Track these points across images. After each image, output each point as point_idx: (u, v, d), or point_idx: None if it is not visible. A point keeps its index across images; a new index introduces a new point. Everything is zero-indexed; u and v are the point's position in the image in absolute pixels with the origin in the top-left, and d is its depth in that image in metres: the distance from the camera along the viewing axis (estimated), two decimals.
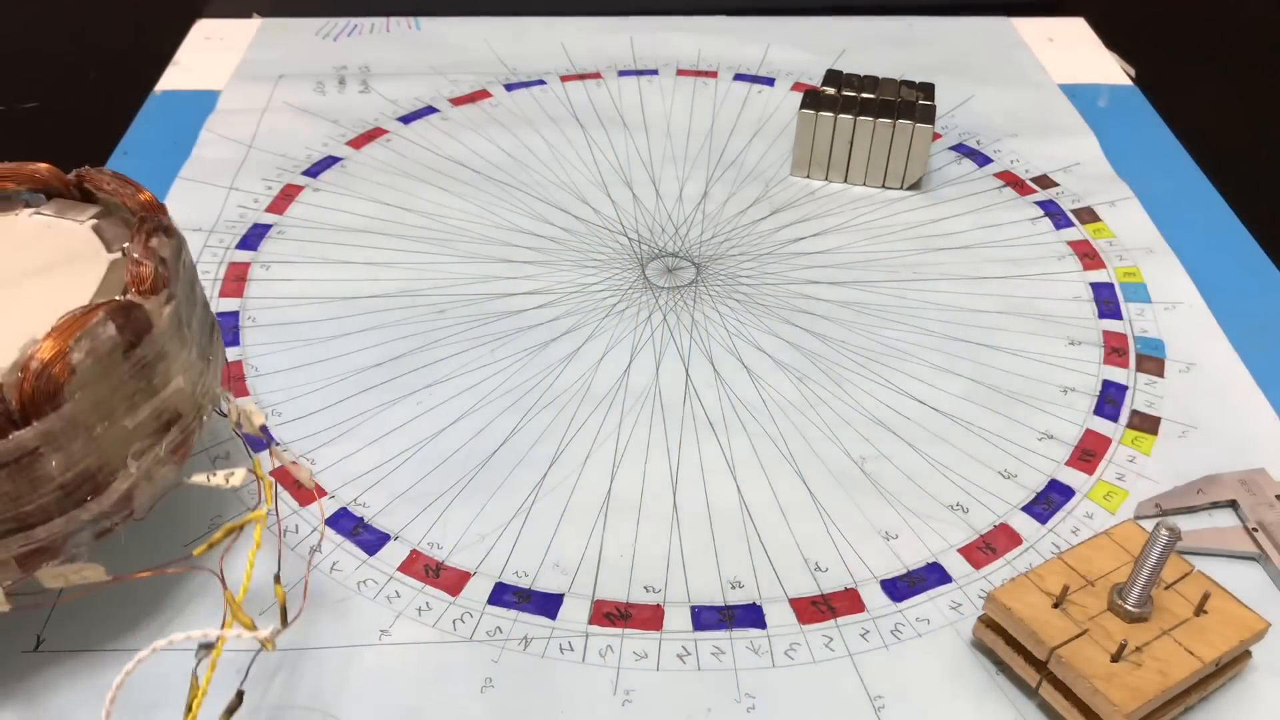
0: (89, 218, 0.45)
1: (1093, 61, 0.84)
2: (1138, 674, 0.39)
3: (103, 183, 0.45)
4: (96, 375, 0.37)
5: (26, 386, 0.35)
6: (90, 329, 0.36)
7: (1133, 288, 0.62)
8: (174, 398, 0.40)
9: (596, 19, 0.88)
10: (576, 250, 0.65)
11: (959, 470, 0.52)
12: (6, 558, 0.36)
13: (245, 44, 0.84)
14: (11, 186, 0.46)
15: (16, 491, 0.36)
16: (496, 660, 0.43)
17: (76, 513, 0.37)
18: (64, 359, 0.36)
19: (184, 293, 0.42)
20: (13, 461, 0.35)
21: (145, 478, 0.39)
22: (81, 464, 0.37)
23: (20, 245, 0.44)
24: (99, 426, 0.37)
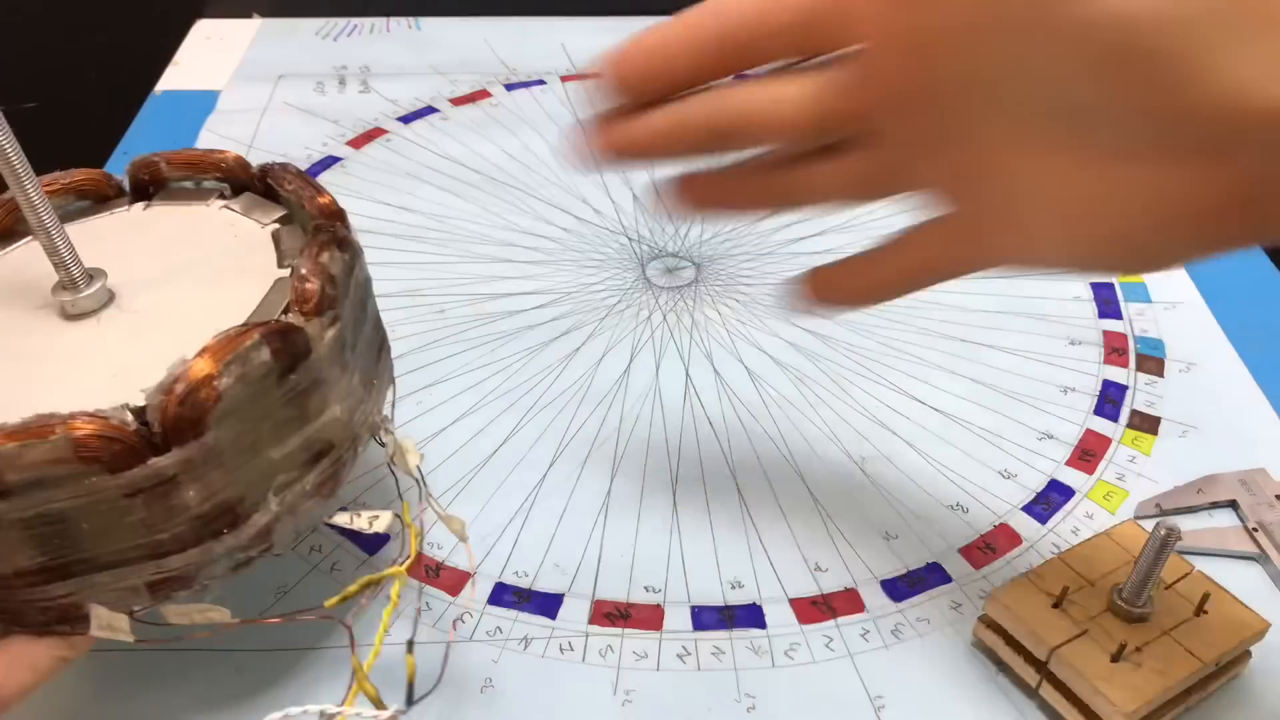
0: (272, 221, 0.42)
1: None
2: (1138, 674, 0.39)
3: (285, 180, 0.42)
4: (245, 402, 0.34)
5: (170, 410, 0.32)
6: (242, 352, 0.33)
7: (1133, 287, 0.62)
8: (328, 428, 0.37)
9: (596, 19, 0.88)
10: (577, 250, 0.65)
11: (959, 470, 0.52)
12: (138, 583, 0.35)
13: (245, 44, 0.84)
14: (198, 175, 0.44)
15: (152, 519, 0.34)
16: (496, 660, 0.43)
17: (212, 544, 0.35)
18: (212, 384, 0.33)
19: (352, 313, 0.39)
20: (149, 488, 0.33)
21: (288, 512, 0.36)
22: (221, 495, 0.34)
23: (202, 240, 0.41)
24: (243, 456, 0.35)
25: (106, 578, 0.34)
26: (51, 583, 0.34)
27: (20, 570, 0.33)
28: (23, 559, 0.33)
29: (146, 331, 0.38)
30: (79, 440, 0.31)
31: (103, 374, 0.36)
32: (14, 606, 0.34)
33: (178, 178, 0.45)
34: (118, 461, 0.32)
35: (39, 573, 0.34)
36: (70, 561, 0.34)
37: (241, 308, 0.37)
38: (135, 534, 0.34)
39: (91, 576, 0.34)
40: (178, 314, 0.38)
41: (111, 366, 0.36)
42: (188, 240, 0.42)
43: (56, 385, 0.35)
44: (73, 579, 0.34)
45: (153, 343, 0.37)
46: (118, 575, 0.34)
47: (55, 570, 0.34)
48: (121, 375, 0.35)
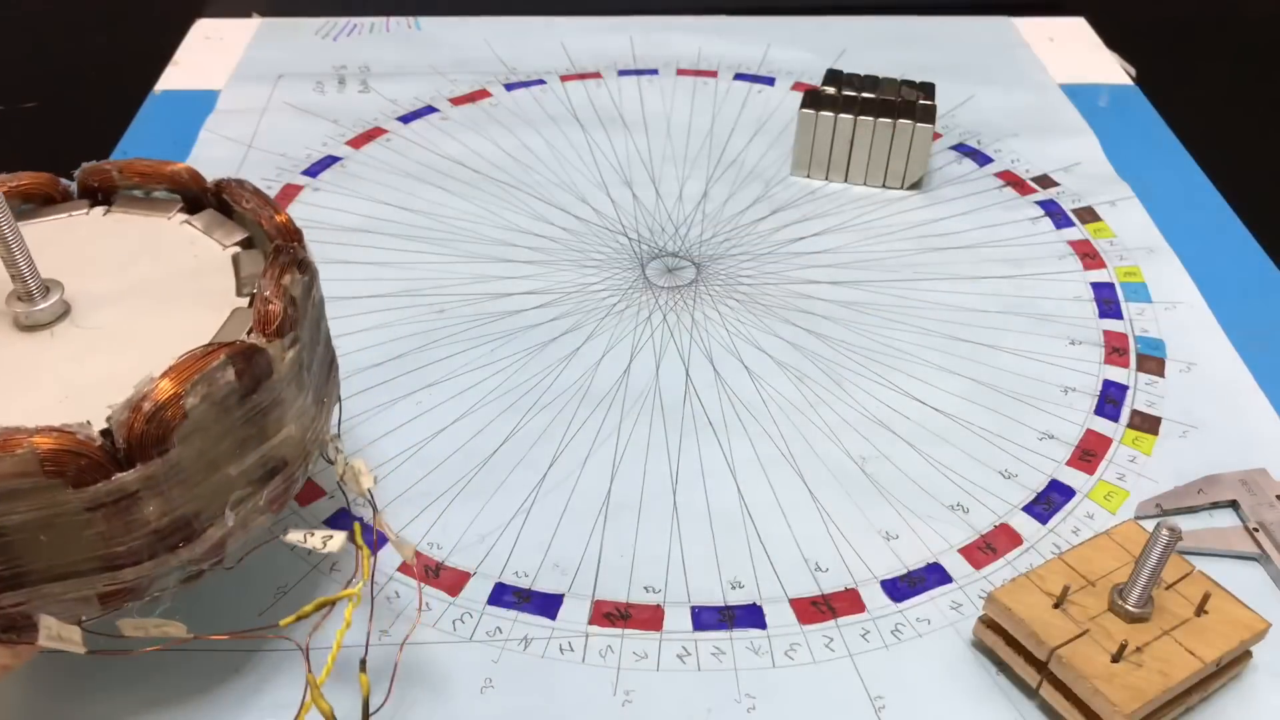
0: (233, 244, 0.42)
1: (1093, 61, 0.84)
2: (1138, 674, 0.39)
3: (242, 198, 0.42)
4: (208, 421, 0.35)
5: (136, 428, 0.33)
6: (208, 373, 0.34)
7: (1133, 287, 0.62)
8: (283, 445, 0.38)
9: (596, 19, 0.88)
10: (576, 250, 0.65)
11: (959, 470, 0.52)
12: (90, 594, 0.35)
13: (245, 44, 0.84)
14: (149, 185, 0.44)
15: (110, 532, 0.34)
16: (496, 660, 0.43)
17: (167, 557, 0.36)
18: (178, 403, 0.34)
19: (309, 334, 0.40)
20: (111, 503, 0.33)
21: (241, 526, 0.37)
22: (179, 510, 0.35)
23: (159, 256, 0.42)
24: (202, 473, 0.35)
25: (58, 588, 0.34)
26: (4, 592, 0.34)
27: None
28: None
29: (103, 348, 0.38)
30: (45, 454, 0.32)
31: (60, 388, 0.36)
32: None
33: (129, 186, 0.45)
34: (82, 476, 0.32)
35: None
36: (23, 571, 0.34)
37: (199, 331, 0.37)
38: (92, 546, 0.34)
39: (43, 587, 0.34)
40: (135, 332, 0.38)
41: (69, 381, 0.36)
42: (147, 254, 0.42)
43: (13, 397, 0.35)
44: (23, 589, 0.34)
45: (109, 359, 0.37)
46: (69, 586, 0.34)
47: (9, 579, 0.34)
48: (80, 390, 0.35)
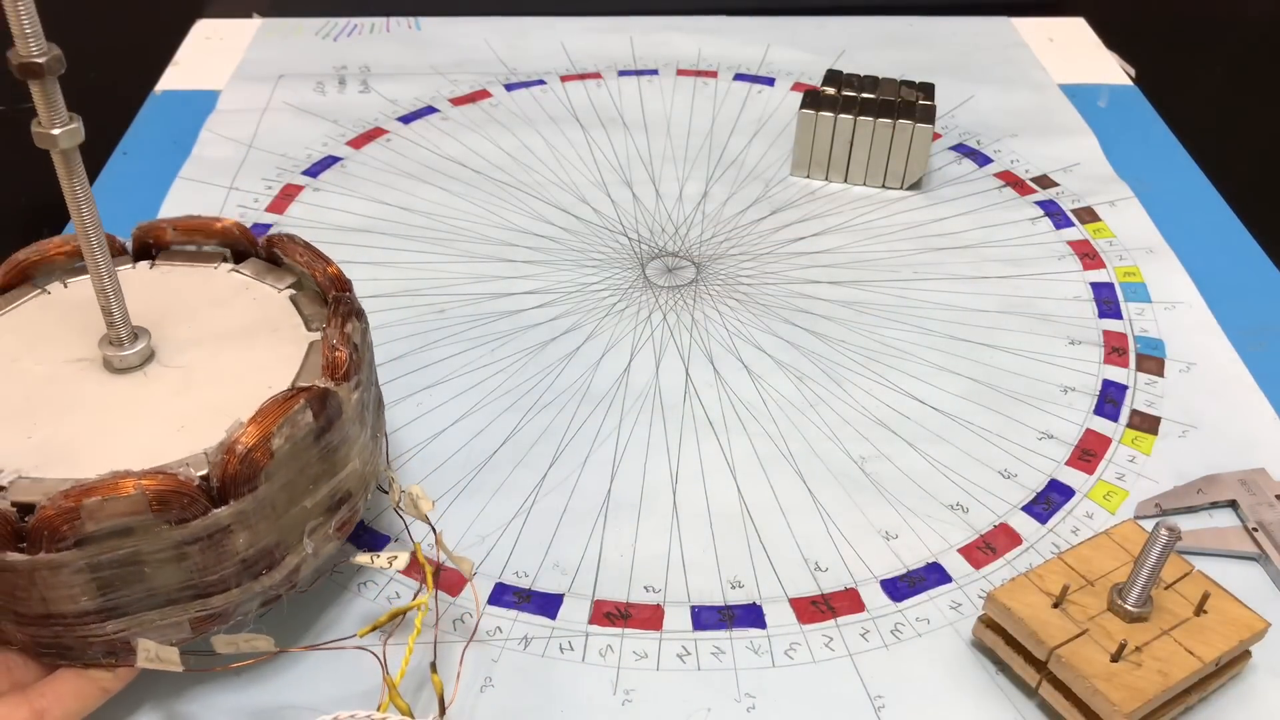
0: (286, 287, 0.46)
1: (1093, 61, 0.84)
2: (1138, 674, 0.39)
3: (295, 252, 0.46)
4: (290, 458, 0.38)
5: (230, 469, 0.36)
6: (291, 416, 0.38)
7: (1133, 287, 0.62)
8: (349, 478, 0.41)
9: (596, 19, 0.88)
10: (576, 250, 0.65)
11: (959, 470, 0.52)
12: (183, 620, 0.38)
13: (245, 44, 0.84)
14: (201, 240, 0.47)
15: (204, 564, 0.37)
16: (496, 660, 0.43)
17: (251, 584, 0.39)
18: (266, 445, 0.37)
19: (366, 375, 0.43)
20: (206, 537, 0.37)
21: (313, 554, 0.41)
22: (263, 541, 0.38)
23: (222, 302, 0.45)
24: (284, 506, 0.39)
25: (155, 615, 0.38)
26: (107, 621, 0.37)
27: (81, 611, 0.37)
28: (86, 600, 0.36)
29: (191, 390, 0.41)
30: (153, 495, 0.35)
31: (159, 428, 0.39)
32: (68, 643, 0.38)
33: (181, 242, 0.48)
34: (185, 513, 0.36)
35: (96, 612, 0.37)
36: (125, 602, 0.37)
37: (281, 369, 0.41)
38: (188, 576, 0.37)
39: (142, 615, 0.37)
40: (219, 370, 0.42)
41: (163, 420, 0.39)
42: (210, 301, 0.45)
43: (118, 436, 0.38)
44: (125, 617, 0.37)
45: (198, 400, 0.40)
46: (166, 613, 0.38)
47: (111, 610, 0.37)
48: (175, 430, 0.39)
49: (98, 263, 0.40)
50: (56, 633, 0.37)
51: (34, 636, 0.38)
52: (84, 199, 0.39)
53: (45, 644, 0.38)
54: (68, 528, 0.35)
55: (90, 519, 0.35)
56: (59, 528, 0.35)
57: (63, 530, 0.35)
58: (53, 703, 0.38)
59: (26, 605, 0.37)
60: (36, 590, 0.36)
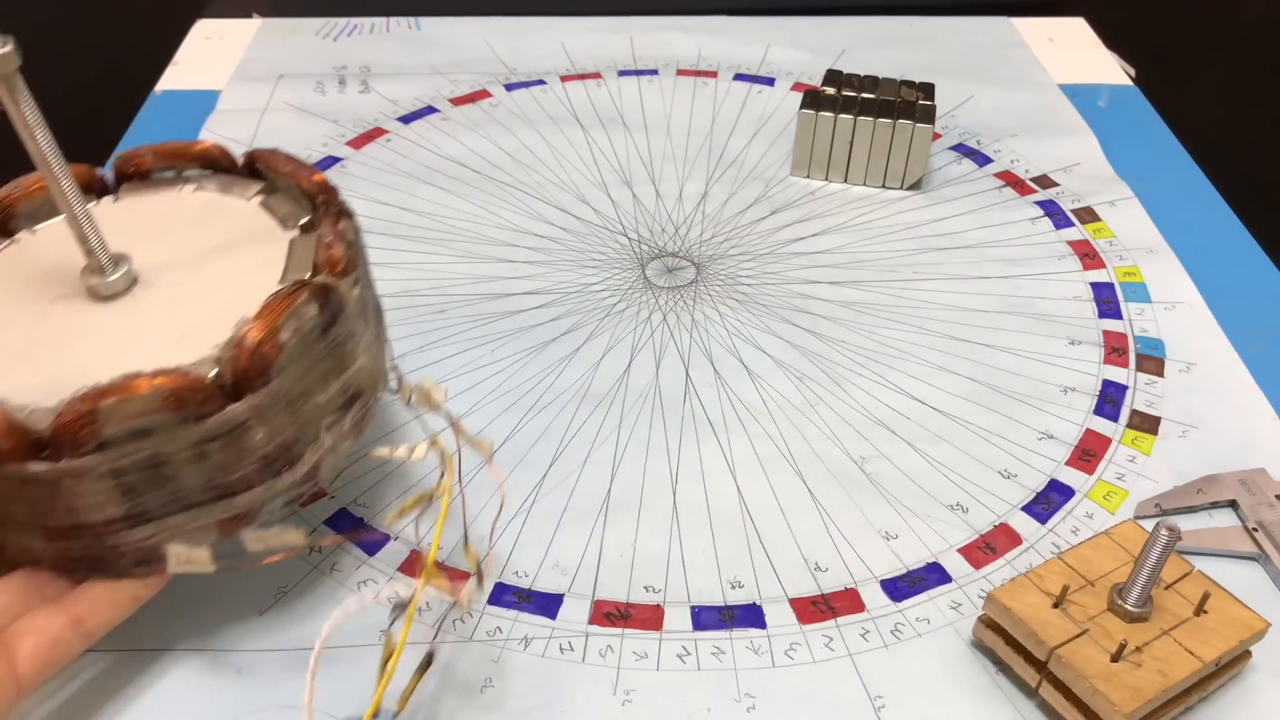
0: (254, 194, 0.46)
1: (1093, 61, 0.84)
2: (1138, 674, 0.39)
3: (278, 163, 0.46)
4: (299, 353, 0.38)
5: (241, 363, 0.37)
6: (296, 309, 0.38)
7: (1133, 287, 0.62)
8: (358, 375, 0.42)
9: (596, 19, 0.88)
10: (576, 250, 0.65)
11: (959, 470, 0.52)
12: (209, 523, 0.39)
13: (245, 44, 0.84)
14: (181, 165, 0.47)
15: (225, 461, 0.38)
16: (496, 660, 0.43)
17: (273, 482, 0.39)
18: (274, 338, 0.37)
19: (364, 275, 0.43)
20: (225, 433, 0.37)
21: (331, 450, 0.41)
22: (281, 436, 0.39)
23: (194, 222, 0.45)
24: (298, 401, 0.39)
25: (183, 519, 0.38)
26: (135, 528, 0.37)
27: (109, 519, 0.37)
28: (111, 507, 0.37)
29: (182, 302, 0.41)
30: (167, 392, 0.35)
31: (159, 342, 0.39)
32: (98, 554, 0.38)
33: (162, 168, 0.48)
34: (200, 409, 0.36)
35: (124, 519, 0.37)
36: (152, 507, 0.37)
37: (268, 271, 0.41)
38: (211, 476, 0.38)
39: (169, 519, 0.38)
40: (206, 284, 0.42)
41: (161, 334, 0.39)
42: (183, 221, 0.45)
43: (121, 358, 0.37)
44: (153, 523, 0.37)
45: (192, 310, 0.40)
46: (192, 516, 0.38)
47: (138, 516, 0.37)
48: (175, 340, 0.39)
49: (63, 190, 0.39)
50: (86, 544, 0.37)
51: (64, 551, 0.38)
52: (35, 124, 0.38)
53: (76, 558, 0.38)
54: (87, 431, 0.35)
55: (108, 421, 0.35)
56: (78, 432, 0.35)
57: (82, 434, 0.35)
58: (88, 611, 0.38)
59: (55, 518, 0.37)
60: (63, 500, 0.36)
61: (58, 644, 0.37)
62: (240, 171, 0.47)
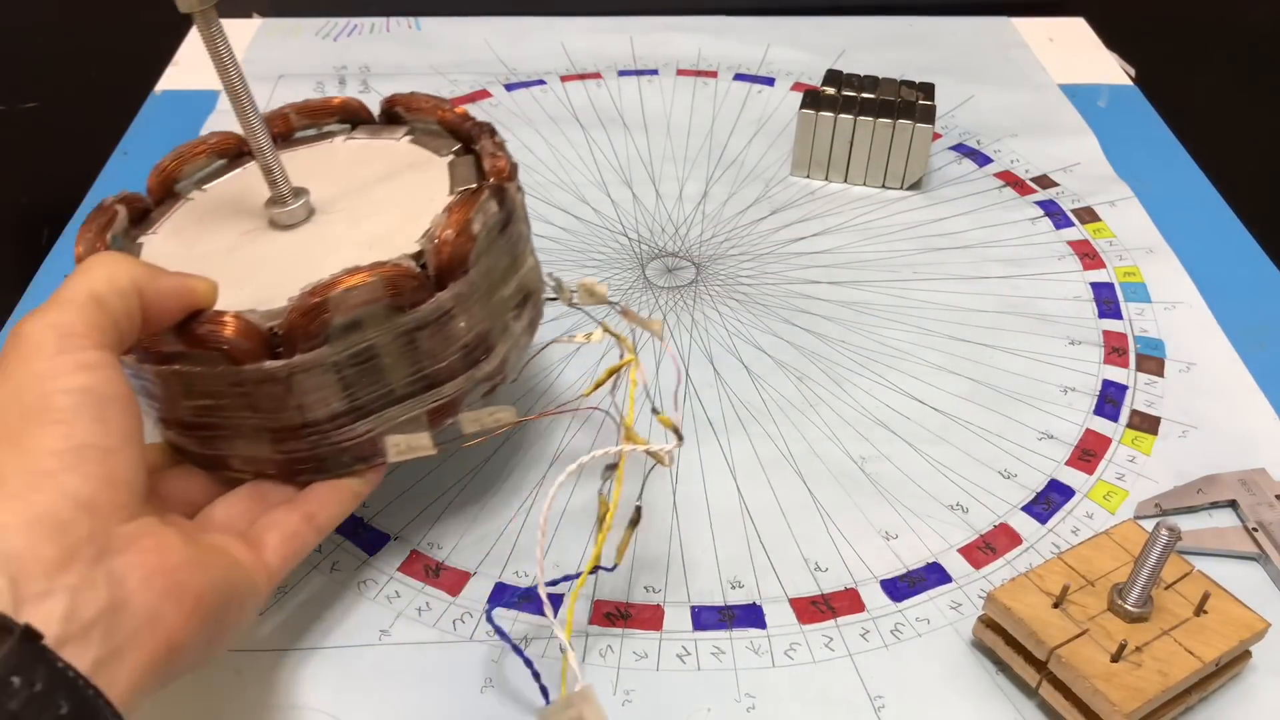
0: (403, 135, 0.49)
1: (1093, 61, 0.84)
2: (1138, 674, 0.39)
3: (418, 102, 0.49)
4: (487, 246, 0.41)
5: (444, 254, 0.39)
6: (482, 204, 0.41)
7: (1133, 287, 0.62)
8: (529, 275, 0.45)
9: (596, 19, 0.88)
10: (576, 250, 0.65)
11: (959, 470, 0.52)
12: (420, 414, 0.41)
13: (245, 44, 0.84)
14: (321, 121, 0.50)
15: (433, 349, 0.40)
16: (496, 660, 0.43)
17: (472, 372, 0.42)
18: (469, 229, 0.40)
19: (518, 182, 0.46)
20: (433, 321, 0.39)
21: (514, 344, 0.44)
22: (479, 326, 0.41)
23: (354, 163, 0.47)
24: (489, 293, 0.42)
25: (397, 410, 0.40)
26: (356, 421, 0.40)
27: (334, 414, 0.39)
28: (336, 402, 0.39)
29: (362, 221, 0.43)
30: (388, 279, 0.38)
31: (350, 253, 0.40)
32: (321, 453, 0.40)
33: (304, 125, 0.50)
34: (415, 297, 0.39)
35: (347, 414, 0.39)
36: (371, 399, 0.40)
37: (433, 188, 0.44)
38: (420, 366, 0.40)
39: (386, 411, 0.40)
40: (381, 206, 0.44)
41: (351, 246, 0.41)
42: (344, 164, 0.47)
43: (319, 269, 0.39)
44: (372, 416, 0.40)
45: (374, 226, 0.43)
46: (405, 408, 0.40)
47: (360, 410, 0.40)
48: (365, 249, 0.40)
49: (251, 122, 0.42)
50: (313, 442, 0.40)
51: (291, 454, 0.40)
52: (229, 60, 0.41)
53: (302, 460, 0.40)
54: (317, 323, 0.37)
55: (336, 310, 0.37)
56: (309, 326, 0.37)
57: (313, 327, 0.37)
58: (318, 507, 0.40)
59: (286, 416, 0.39)
60: (293, 398, 0.38)
61: (296, 536, 0.39)
62: (380, 120, 0.50)
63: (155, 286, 0.36)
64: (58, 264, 0.63)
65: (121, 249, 0.44)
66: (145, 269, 0.36)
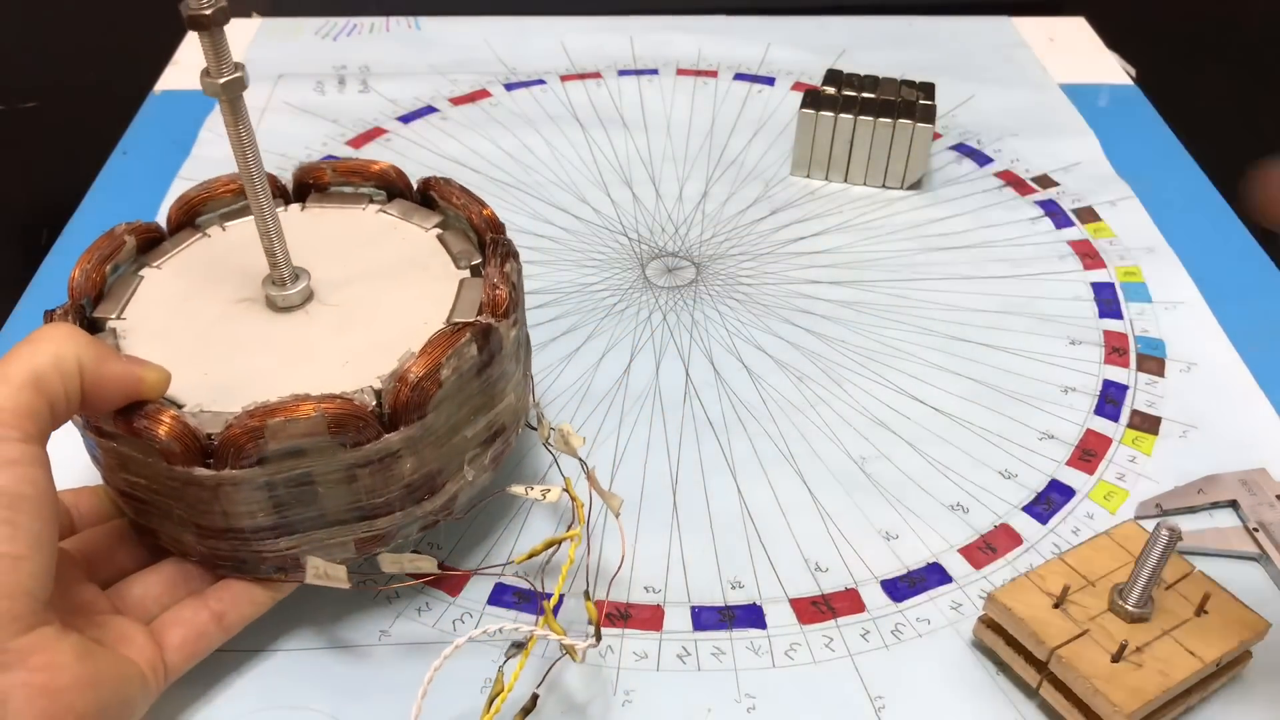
0: (433, 226, 0.47)
1: (1093, 61, 0.84)
2: (1138, 674, 0.39)
3: (451, 195, 0.47)
4: (455, 390, 0.40)
5: (402, 396, 0.38)
6: (459, 349, 0.40)
7: (1133, 287, 0.62)
8: (504, 412, 0.44)
9: (596, 19, 0.88)
10: (576, 250, 0.65)
11: (959, 470, 0.52)
12: (349, 540, 0.40)
13: (245, 44, 0.84)
14: (358, 183, 0.49)
15: (373, 486, 0.39)
16: (496, 660, 0.43)
17: (413, 509, 0.41)
18: (436, 375, 0.39)
19: (520, 314, 0.45)
20: (376, 460, 0.39)
21: (470, 483, 0.43)
22: (428, 466, 0.41)
23: (370, 241, 0.47)
24: (447, 435, 0.41)
25: (324, 534, 0.40)
26: (279, 537, 0.39)
27: (258, 527, 0.39)
28: (261, 516, 0.39)
29: (351, 326, 0.43)
30: (332, 418, 0.37)
31: (325, 363, 0.41)
32: (243, 556, 0.40)
33: (340, 183, 0.50)
34: (359, 436, 0.38)
35: (271, 529, 0.39)
36: (298, 520, 0.39)
37: (435, 305, 0.43)
38: (357, 498, 0.40)
39: (313, 533, 0.40)
40: (377, 311, 0.43)
41: (328, 355, 0.41)
42: (361, 240, 0.47)
43: (287, 373, 0.40)
44: (297, 535, 0.40)
45: (360, 336, 0.42)
46: (334, 533, 0.40)
47: (284, 527, 0.39)
48: (340, 364, 0.40)
49: (261, 206, 0.42)
50: (234, 546, 0.40)
51: (213, 550, 0.40)
52: (248, 144, 0.40)
53: (223, 557, 0.40)
54: (252, 445, 0.37)
55: (273, 438, 0.37)
56: (244, 445, 0.37)
57: (247, 448, 0.37)
58: (229, 606, 0.40)
59: (209, 519, 0.39)
60: (219, 505, 0.38)
61: (202, 637, 0.39)
62: (415, 196, 0.49)
63: (101, 371, 0.36)
64: (57, 264, 0.63)
65: (121, 277, 0.45)
66: (95, 351, 0.35)
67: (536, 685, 0.40)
